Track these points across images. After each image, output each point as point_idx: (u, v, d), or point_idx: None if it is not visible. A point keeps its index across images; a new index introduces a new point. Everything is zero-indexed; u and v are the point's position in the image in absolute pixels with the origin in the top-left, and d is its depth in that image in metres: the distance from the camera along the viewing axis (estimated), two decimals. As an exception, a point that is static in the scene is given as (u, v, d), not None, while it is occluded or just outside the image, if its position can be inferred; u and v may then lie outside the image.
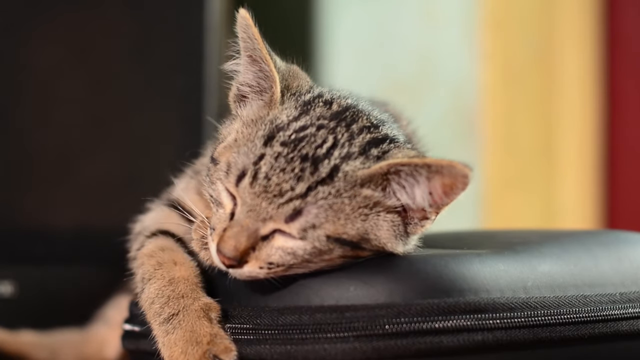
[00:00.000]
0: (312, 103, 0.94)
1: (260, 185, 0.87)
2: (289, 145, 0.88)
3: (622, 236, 1.07)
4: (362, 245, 0.89)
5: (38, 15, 1.61)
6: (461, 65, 2.28)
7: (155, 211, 1.06)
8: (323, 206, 0.87)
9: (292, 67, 0.99)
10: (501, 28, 2.28)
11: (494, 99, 2.27)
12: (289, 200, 0.86)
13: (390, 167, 0.88)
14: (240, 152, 0.90)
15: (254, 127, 0.92)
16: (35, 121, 1.61)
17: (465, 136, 2.27)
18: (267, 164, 0.87)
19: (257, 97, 0.96)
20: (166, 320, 0.91)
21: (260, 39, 0.94)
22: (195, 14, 1.63)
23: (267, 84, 0.95)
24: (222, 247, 0.88)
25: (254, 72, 0.96)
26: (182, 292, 0.92)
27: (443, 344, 0.87)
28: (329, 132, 0.90)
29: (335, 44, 2.34)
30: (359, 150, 0.90)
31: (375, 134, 0.92)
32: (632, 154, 2.44)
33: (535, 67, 2.33)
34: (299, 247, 0.87)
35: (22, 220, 1.60)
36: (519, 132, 2.32)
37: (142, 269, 0.97)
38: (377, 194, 0.89)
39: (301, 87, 0.96)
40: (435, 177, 0.88)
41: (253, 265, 0.88)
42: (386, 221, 0.90)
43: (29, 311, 1.54)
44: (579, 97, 2.38)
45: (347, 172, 0.88)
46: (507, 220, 2.24)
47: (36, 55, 1.60)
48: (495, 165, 2.27)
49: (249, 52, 0.95)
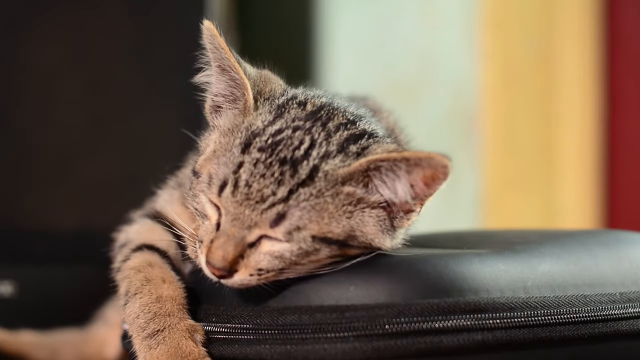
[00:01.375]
0: (286, 106, 0.94)
1: (242, 193, 0.87)
2: (266, 151, 0.88)
3: (622, 236, 1.07)
4: (349, 243, 0.89)
5: (38, 15, 1.61)
6: (461, 65, 2.28)
7: (139, 223, 1.06)
8: (306, 207, 0.87)
9: (264, 72, 0.99)
10: (501, 28, 2.28)
11: (494, 99, 2.27)
12: (272, 205, 0.86)
13: (369, 164, 0.88)
14: (220, 163, 0.90)
15: (231, 136, 0.92)
16: (35, 121, 1.61)
17: (465, 136, 2.27)
18: (247, 172, 0.87)
19: (231, 106, 0.96)
20: (150, 336, 0.91)
21: (227, 48, 0.93)
22: (195, 14, 1.63)
23: (239, 91, 0.95)
24: (211, 259, 0.88)
25: (225, 81, 0.96)
26: (169, 311, 0.93)
27: (443, 343, 0.87)
28: (306, 133, 0.90)
29: (335, 44, 2.34)
30: (337, 149, 0.89)
31: (353, 130, 0.92)
32: (632, 154, 2.44)
33: (535, 67, 2.33)
34: (286, 249, 0.87)
35: (22, 220, 1.60)
36: (519, 132, 2.32)
37: (128, 282, 0.97)
38: (359, 190, 0.89)
39: (274, 91, 0.96)
40: (415, 170, 0.87)
41: (243, 273, 0.88)
42: (371, 217, 0.90)
43: (29, 311, 1.54)
44: (579, 97, 2.38)
45: (327, 172, 0.88)
46: (507, 220, 2.24)
47: (36, 55, 1.61)
48: (495, 165, 2.27)
49: (218, 62, 0.95)
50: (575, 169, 2.37)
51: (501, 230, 1.37)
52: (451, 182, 0.90)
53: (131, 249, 1.02)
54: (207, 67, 0.97)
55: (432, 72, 2.30)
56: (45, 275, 1.57)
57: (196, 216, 0.93)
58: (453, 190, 2.22)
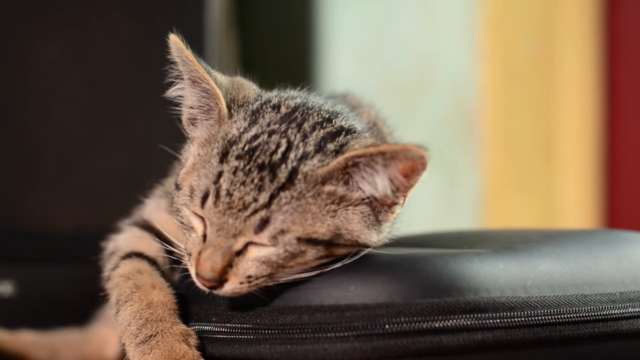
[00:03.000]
0: (260, 110, 0.93)
1: (224, 202, 0.87)
2: (244, 158, 0.88)
3: (622, 235, 1.07)
4: (336, 242, 0.89)
5: (38, 14, 1.61)
6: (461, 65, 2.28)
7: (127, 232, 1.06)
8: (288, 211, 0.87)
9: (236, 79, 0.99)
10: (501, 28, 2.28)
11: (494, 99, 2.27)
12: (255, 212, 0.86)
13: (347, 161, 0.88)
14: (200, 174, 0.90)
15: (208, 147, 0.92)
16: (35, 121, 1.61)
17: (465, 136, 2.27)
18: (227, 181, 0.87)
19: (206, 117, 0.96)
20: (143, 342, 0.91)
21: (195, 60, 0.93)
22: (195, 14, 1.63)
23: (213, 101, 0.94)
24: (200, 271, 0.88)
25: (197, 93, 0.95)
26: (161, 316, 0.93)
27: (443, 343, 0.87)
28: (282, 136, 0.90)
29: (334, 44, 2.34)
30: (314, 148, 0.89)
31: (329, 128, 0.92)
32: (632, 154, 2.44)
33: (535, 67, 2.33)
34: (272, 253, 0.87)
35: (22, 220, 1.60)
36: (518, 132, 2.32)
37: (118, 291, 0.97)
38: (340, 188, 0.89)
39: (248, 97, 0.96)
40: (392, 163, 0.87)
41: (233, 282, 0.88)
42: (356, 214, 0.90)
43: (29, 311, 1.54)
44: (579, 97, 2.38)
45: (306, 173, 0.88)
46: (507, 220, 2.24)
47: (36, 55, 1.61)
48: (495, 165, 2.27)
49: (188, 75, 0.95)
50: (575, 168, 2.37)
51: (501, 229, 1.37)
52: (451, 182, 0.90)
53: (120, 256, 1.02)
54: (178, 81, 0.96)
55: (431, 72, 2.30)
56: (45, 275, 1.57)
57: (182, 229, 0.93)
58: (453, 190, 2.22)
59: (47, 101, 1.61)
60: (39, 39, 1.61)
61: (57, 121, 1.61)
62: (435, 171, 2.51)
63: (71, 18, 1.63)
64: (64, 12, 1.62)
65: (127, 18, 1.64)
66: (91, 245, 1.08)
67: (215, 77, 0.95)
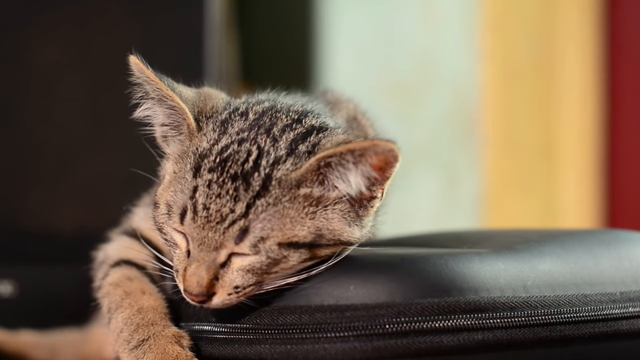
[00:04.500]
0: (229, 120, 0.93)
1: (202, 217, 0.87)
2: (216, 170, 0.88)
3: (622, 235, 1.07)
4: (318, 243, 0.89)
5: (38, 14, 1.61)
6: (461, 65, 2.28)
7: (117, 241, 1.06)
8: (266, 218, 0.86)
9: (203, 91, 0.98)
10: (501, 28, 2.28)
11: (494, 99, 2.27)
12: (233, 223, 0.86)
13: (319, 162, 0.88)
14: (176, 190, 0.90)
15: (182, 163, 0.92)
16: (35, 121, 1.61)
17: (465, 136, 2.27)
18: (203, 195, 0.87)
19: (176, 133, 0.95)
20: (136, 347, 0.91)
21: (156, 79, 0.93)
22: (195, 14, 1.63)
23: (180, 117, 0.94)
24: (187, 287, 0.88)
25: (164, 111, 0.95)
26: (152, 320, 0.93)
27: (443, 343, 0.87)
28: (252, 144, 0.89)
29: (335, 43, 2.34)
30: (286, 152, 0.89)
31: (299, 129, 0.91)
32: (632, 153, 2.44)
33: (535, 67, 2.33)
34: (255, 261, 0.87)
35: (22, 220, 1.60)
36: (519, 132, 2.32)
37: (109, 299, 0.97)
38: (316, 189, 0.89)
39: (216, 107, 0.95)
40: (363, 160, 0.87)
41: (221, 294, 0.88)
42: (335, 213, 0.89)
43: (29, 311, 1.54)
44: (579, 96, 2.38)
45: (280, 178, 0.88)
46: (507, 220, 2.24)
47: (36, 55, 1.60)
48: (495, 165, 2.27)
49: (153, 95, 0.94)
50: (576, 168, 2.37)
51: (501, 229, 1.37)
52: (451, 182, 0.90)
53: (109, 265, 1.02)
54: (144, 101, 0.96)
55: (432, 72, 2.30)
56: (45, 275, 1.57)
57: (167, 246, 0.93)
58: (453, 190, 2.22)
59: (47, 101, 1.61)
60: (39, 39, 1.61)
61: (57, 121, 1.61)
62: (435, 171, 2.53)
63: (71, 18, 1.63)
64: (64, 12, 1.62)
65: (127, 18, 1.64)
66: (91, 245, 1.08)
67: (180, 92, 0.95)
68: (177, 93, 0.93)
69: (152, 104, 0.95)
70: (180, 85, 0.97)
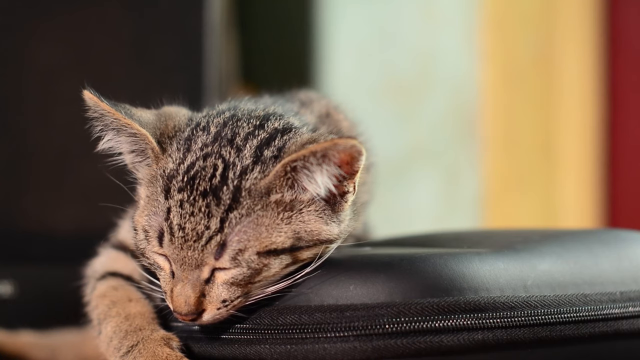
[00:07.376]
0: (192, 136, 0.92)
1: (179, 237, 0.87)
2: (186, 189, 0.88)
3: (622, 235, 1.07)
4: (298, 246, 0.88)
5: (38, 15, 1.61)
6: (461, 64, 2.28)
7: (104, 255, 1.06)
8: (241, 230, 0.86)
9: (163, 110, 0.98)
10: (501, 28, 2.28)
11: (494, 99, 2.27)
12: (210, 239, 0.86)
13: (285, 167, 0.87)
14: (150, 214, 0.90)
15: (153, 186, 0.92)
16: (35, 121, 1.61)
17: (465, 136, 2.27)
18: (176, 215, 0.87)
19: (143, 158, 0.95)
20: (126, 354, 0.91)
21: (112, 110, 0.93)
22: (195, 14, 1.63)
23: (143, 143, 0.94)
24: (176, 307, 0.88)
25: (126, 139, 0.95)
26: (140, 326, 0.93)
27: (443, 343, 0.87)
28: (216, 157, 0.89)
29: (335, 43, 2.34)
30: (252, 160, 0.89)
31: (262, 135, 0.91)
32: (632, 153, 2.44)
33: (535, 67, 2.33)
34: (237, 273, 0.87)
35: (22, 220, 1.60)
36: (518, 131, 2.33)
37: (97, 310, 0.98)
38: (287, 194, 0.88)
39: (179, 126, 0.95)
40: (326, 159, 0.87)
41: (211, 310, 0.88)
42: (310, 214, 0.89)
43: (29, 311, 1.54)
44: (579, 96, 2.39)
45: (249, 188, 0.87)
46: (507, 219, 2.24)
47: (36, 55, 1.60)
48: (495, 165, 2.27)
49: (112, 125, 0.94)
50: (576, 168, 2.37)
51: (501, 229, 1.37)
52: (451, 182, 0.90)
53: (96, 279, 1.02)
54: (105, 133, 0.95)
55: (432, 71, 2.30)
56: (45, 275, 1.57)
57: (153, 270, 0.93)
58: (453, 190, 2.22)
59: (47, 101, 1.61)
60: (39, 39, 1.61)
61: (57, 121, 1.61)
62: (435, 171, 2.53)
63: (71, 18, 1.63)
64: (64, 12, 1.62)
65: (127, 18, 1.64)
66: (91, 246, 1.08)
67: (139, 117, 0.94)
68: (135, 120, 0.93)
69: (113, 135, 0.95)
70: (139, 109, 0.96)
